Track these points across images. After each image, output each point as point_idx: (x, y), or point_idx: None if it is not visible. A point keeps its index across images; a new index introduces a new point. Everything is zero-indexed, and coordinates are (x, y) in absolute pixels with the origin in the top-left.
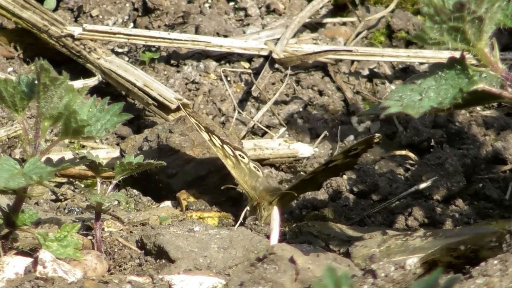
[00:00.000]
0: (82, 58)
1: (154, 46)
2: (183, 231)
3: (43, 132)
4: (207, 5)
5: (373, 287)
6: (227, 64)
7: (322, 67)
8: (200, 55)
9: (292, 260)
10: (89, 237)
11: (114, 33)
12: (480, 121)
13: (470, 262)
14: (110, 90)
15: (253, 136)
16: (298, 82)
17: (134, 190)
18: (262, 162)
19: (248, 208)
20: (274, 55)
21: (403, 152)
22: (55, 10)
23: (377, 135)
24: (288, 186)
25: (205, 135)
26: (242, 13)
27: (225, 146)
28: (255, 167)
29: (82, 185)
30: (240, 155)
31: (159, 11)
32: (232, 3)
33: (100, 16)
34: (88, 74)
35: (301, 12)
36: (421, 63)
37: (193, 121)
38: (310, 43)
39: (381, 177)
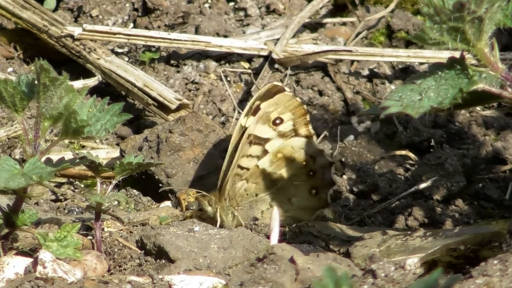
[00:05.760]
0: (82, 58)
1: (154, 46)
2: (183, 231)
3: (43, 132)
4: (207, 5)
5: (373, 287)
6: (227, 64)
7: (322, 67)
8: (200, 55)
9: (292, 260)
10: (89, 237)
11: (114, 33)
12: (480, 121)
13: (470, 262)
14: (110, 90)
15: None
16: (298, 82)
17: (134, 190)
18: None
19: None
20: (274, 55)
21: (403, 152)
22: (55, 10)
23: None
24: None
25: None
26: (242, 13)
27: None
28: None
29: (82, 185)
30: None
31: (159, 11)
32: (232, 3)
33: (100, 16)
34: (88, 74)
35: (301, 12)
36: (421, 63)
37: None
38: (310, 43)
39: (381, 177)
